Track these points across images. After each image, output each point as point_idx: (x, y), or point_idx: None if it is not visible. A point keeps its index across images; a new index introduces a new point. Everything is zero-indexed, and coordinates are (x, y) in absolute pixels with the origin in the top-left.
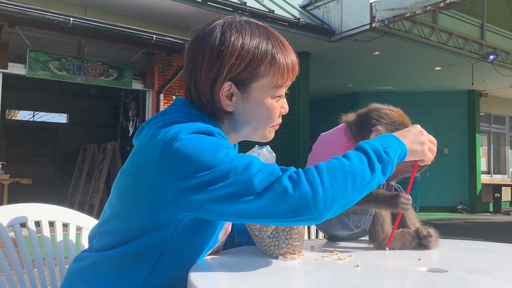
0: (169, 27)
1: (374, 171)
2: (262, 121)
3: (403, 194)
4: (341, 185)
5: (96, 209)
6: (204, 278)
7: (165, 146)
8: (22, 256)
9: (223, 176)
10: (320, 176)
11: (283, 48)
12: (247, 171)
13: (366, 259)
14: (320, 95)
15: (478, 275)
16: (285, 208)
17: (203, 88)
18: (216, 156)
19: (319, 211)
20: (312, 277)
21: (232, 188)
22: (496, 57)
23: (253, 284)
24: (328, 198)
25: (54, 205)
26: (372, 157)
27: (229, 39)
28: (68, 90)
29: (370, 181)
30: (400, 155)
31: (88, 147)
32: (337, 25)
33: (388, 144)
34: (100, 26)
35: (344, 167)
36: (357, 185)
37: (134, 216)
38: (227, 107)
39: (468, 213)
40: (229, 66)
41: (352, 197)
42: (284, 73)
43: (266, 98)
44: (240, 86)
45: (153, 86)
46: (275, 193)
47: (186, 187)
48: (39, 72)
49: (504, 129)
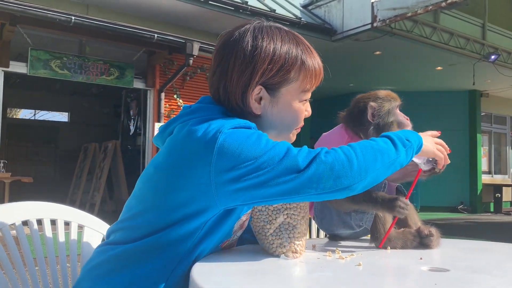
0: (170, 26)
1: (398, 151)
2: (288, 124)
3: (402, 198)
4: (372, 159)
5: (97, 208)
6: (207, 276)
7: (210, 141)
8: (24, 254)
9: (269, 161)
10: (354, 150)
11: (311, 53)
12: (289, 153)
13: (368, 258)
14: (321, 95)
15: (479, 275)
16: (326, 178)
17: (234, 92)
18: (259, 145)
19: (355, 179)
20: (313, 275)
21: (278, 169)
22: (497, 57)
23: (255, 282)
24: (362, 168)
25: (56, 203)
26: (395, 141)
27: (261, 44)
28: (69, 89)
29: (395, 160)
30: (418, 145)
31: (89, 146)
32: (338, 25)
33: (408, 134)
34: (101, 25)
35: (373, 145)
36: (384, 160)
37: (170, 210)
38: (256, 110)
39: (469, 213)
40: (261, 71)
41: (380, 171)
42: (312, 78)
43: (294, 102)
44: (270, 90)
45: (154, 85)
46: (318, 165)
47: (233, 177)
48: (41, 70)
49: (505, 129)
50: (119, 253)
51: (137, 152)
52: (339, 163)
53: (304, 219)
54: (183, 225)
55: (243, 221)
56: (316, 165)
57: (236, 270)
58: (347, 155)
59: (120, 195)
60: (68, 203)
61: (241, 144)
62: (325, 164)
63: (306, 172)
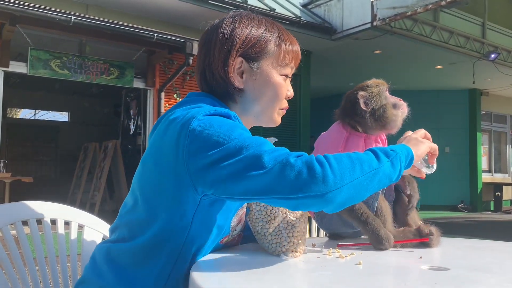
0: (170, 25)
1: (380, 160)
2: (270, 99)
3: (391, 241)
4: (349, 167)
5: (98, 208)
6: (207, 276)
7: (183, 126)
8: (24, 254)
9: (236, 152)
10: (328, 159)
11: (289, 35)
12: (259, 148)
13: (368, 257)
14: (321, 94)
15: (479, 273)
16: (294, 182)
17: (216, 65)
18: (231, 135)
19: (328, 187)
20: (313, 274)
21: (243, 163)
22: (497, 55)
23: (254, 281)
24: (337, 175)
25: (56, 203)
26: (377, 152)
27: (239, 24)
28: (69, 88)
29: (378, 169)
30: (407, 155)
31: (89, 145)
32: (338, 24)
33: (393, 146)
34: (101, 24)
35: (350, 155)
36: (365, 169)
37: (157, 204)
38: (239, 84)
39: (469, 211)
40: (240, 41)
41: (361, 181)
42: (290, 53)
43: (274, 74)
44: (251, 61)
45: (154, 84)
46: (284, 166)
47: (202, 164)
48: (41, 70)
49: (505, 128)
50: (120, 253)
51: (137, 152)
52: (309, 168)
53: (303, 218)
54: (172, 218)
55: (239, 216)
56: (281, 166)
57: (235, 270)
58: (319, 161)
59: (120, 194)
60: (69, 203)
61: (211, 131)
62: (292, 168)
63: (270, 172)
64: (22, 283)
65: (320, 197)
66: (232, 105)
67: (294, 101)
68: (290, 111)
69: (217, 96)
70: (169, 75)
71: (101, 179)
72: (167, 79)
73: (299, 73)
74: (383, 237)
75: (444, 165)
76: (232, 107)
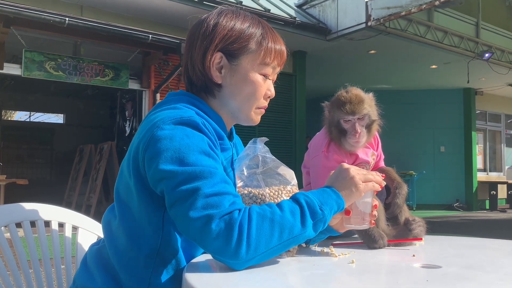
0: (165, 26)
1: (305, 226)
2: (247, 97)
3: (385, 240)
4: (267, 236)
5: (93, 210)
6: (200, 277)
7: (146, 132)
8: (18, 256)
9: (179, 182)
10: (249, 225)
11: (274, 34)
12: (202, 185)
13: (361, 255)
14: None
15: (471, 271)
16: (211, 242)
17: (196, 58)
18: (185, 158)
19: (240, 258)
20: (306, 273)
21: (180, 194)
22: (491, 55)
23: (247, 280)
24: (251, 248)
25: (50, 205)
26: (305, 212)
27: (224, 19)
28: (64, 90)
29: (299, 235)
30: (336, 211)
31: (85, 147)
32: (333, 24)
33: (325, 199)
34: (96, 26)
35: (274, 217)
36: (283, 237)
37: (128, 204)
38: (217, 78)
39: (465, 210)
40: (220, 36)
41: (276, 248)
42: (272, 52)
43: (253, 72)
44: (230, 57)
45: (149, 85)
46: (206, 225)
47: (153, 174)
48: (35, 72)
49: (500, 127)
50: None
51: None
52: (227, 236)
53: None
54: (141, 219)
55: None
56: (204, 223)
57: (228, 269)
58: (240, 229)
59: None
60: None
61: (170, 146)
62: (211, 231)
63: (195, 222)
64: (16, 285)
65: (232, 264)
66: (211, 100)
67: (290, 101)
68: (285, 111)
69: (196, 90)
70: (164, 76)
71: (96, 181)
72: (162, 80)
73: (294, 74)
74: (376, 236)
75: (439, 164)
76: (211, 101)
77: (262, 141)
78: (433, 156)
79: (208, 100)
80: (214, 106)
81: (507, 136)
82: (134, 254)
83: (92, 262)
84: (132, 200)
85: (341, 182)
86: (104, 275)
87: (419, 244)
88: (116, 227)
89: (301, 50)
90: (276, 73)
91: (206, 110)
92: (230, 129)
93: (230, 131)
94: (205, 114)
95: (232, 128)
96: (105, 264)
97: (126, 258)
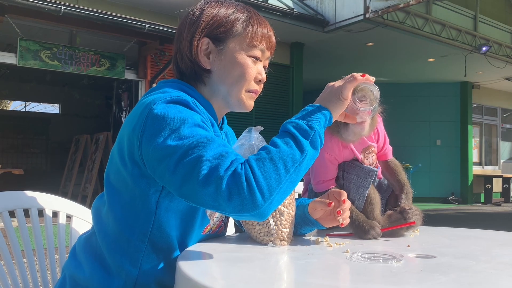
0: (161, 16)
1: (303, 148)
2: (236, 79)
3: (378, 229)
4: (273, 174)
5: (89, 200)
6: (194, 265)
7: (142, 112)
8: (11, 246)
9: (179, 154)
10: (253, 173)
11: (260, 18)
12: (203, 152)
13: (356, 246)
14: (314, 86)
15: (465, 260)
16: (227, 207)
17: (184, 46)
18: (181, 132)
19: (259, 206)
20: (300, 262)
21: (184, 169)
22: (488, 48)
23: (241, 269)
24: (265, 192)
25: (43, 193)
26: (297, 136)
27: (208, 7)
28: (60, 80)
29: (303, 159)
30: (325, 121)
31: (81, 137)
32: (331, 16)
33: (309, 116)
34: (91, 15)
35: (272, 155)
36: (289, 167)
37: (119, 189)
38: (205, 64)
39: (460, 203)
40: (206, 22)
41: (288, 180)
42: (258, 35)
43: (240, 54)
44: (217, 42)
45: (145, 76)
46: (217, 193)
47: (150, 154)
48: (30, 61)
49: (496, 121)
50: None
51: None
52: (237, 194)
53: (291, 206)
54: (134, 203)
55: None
56: (214, 187)
57: (222, 258)
58: (247, 178)
59: None
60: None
61: (164, 124)
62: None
63: (205, 193)
64: (9, 275)
65: (255, 216)
66: (201, 87)
67: (286, 93)
68: (282, 102)
69: (186, 78)
70: (161, 67)
71: (92, 172)
72: (158, 70)
73: (291, 65)
74: (366, 227)
75: (435, 158)
76: (201, 89)
77: (257, 130)
78: (429, 149)
79: (198, 88)
80: (204, 94)
81: (503, 130)
82: (124, 238)
83: (80, 251)
84: (124, 185)
85: (322, 96)
86: (92, 264)
87: (414, 235)
88: (106, 213)
89: (299, 41)
90: (267, 58)
91: (196, 96)
92: (221, 119)
93: (221, 121)
94: (195, 100)
95: (224, 118)
96: (94, 253)
97: (116, 242)
